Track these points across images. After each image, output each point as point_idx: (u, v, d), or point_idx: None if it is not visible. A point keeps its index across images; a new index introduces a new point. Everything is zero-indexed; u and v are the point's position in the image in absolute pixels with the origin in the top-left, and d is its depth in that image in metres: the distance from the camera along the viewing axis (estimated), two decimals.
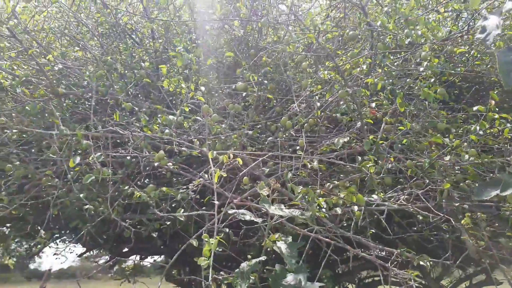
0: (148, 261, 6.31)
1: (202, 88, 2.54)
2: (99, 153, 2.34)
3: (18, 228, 5.05)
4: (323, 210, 2.29)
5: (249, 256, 2.78)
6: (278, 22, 2.78)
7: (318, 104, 3.00)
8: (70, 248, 5.60)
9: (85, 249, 5.80)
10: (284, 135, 3.13)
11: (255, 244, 3.41)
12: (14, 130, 3.10)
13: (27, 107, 2.84)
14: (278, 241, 2.26)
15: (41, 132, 2.73)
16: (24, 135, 3.36)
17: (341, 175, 3.42)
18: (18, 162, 3.18)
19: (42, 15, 3.20)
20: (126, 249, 5.12)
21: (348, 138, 2.85)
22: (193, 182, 2.88)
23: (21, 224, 4.83)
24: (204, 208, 3.33)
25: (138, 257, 5.68)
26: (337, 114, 2.99)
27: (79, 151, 3.19)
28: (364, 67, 2.87)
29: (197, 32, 3.99)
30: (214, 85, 3.49)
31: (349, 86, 2.79)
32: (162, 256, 6.38)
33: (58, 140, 2.68)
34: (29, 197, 3.13)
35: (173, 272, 6.75)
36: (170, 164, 2.82)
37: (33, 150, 3.20)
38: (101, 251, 6.20)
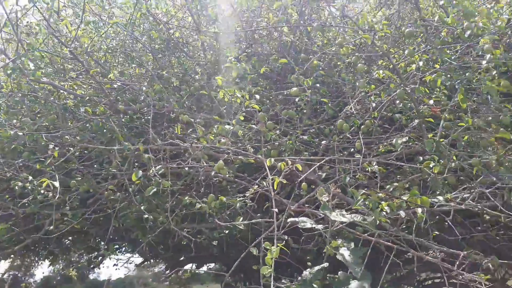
0: (203, 269, 6.40)
1: (257, 96, 2.55)
2: (159, 165, 2.40)
3: (80, 241, 5.29)
4: (384, 214, 2.22)
5: (308, 264, 2.74)
6: (331, 25, 2.74)
7: (374, 104, 2.93)
8: (129, 259, 5.80)
9: (142, 259, 5.99)
10: (338, 138, 3.07)
11: (312, 250, 3.36)
12: (77, 147, 3.26)
13: (89, 125, 2.98)
14: (340, 247, 2.21)
15: (103, 148, 2.85)
16: (85, 152, 3.52)
17: (398, 176, 3.30)
18: (79, 178, 3.32)
19: (100, 35, 3.35)
20: (182, 258, 5.23)
21: (407, 137, 2.75)
22: (249, 190, 2.89)
23: (82, 237, 5.05)
24: (259, 215, 3.33)
25: (194, 265, 5.78)
26: (395, 114, 2.90)
27: (137, 165, 3.29)
28: (421, 63, 2.77)
29: (247, 41, 4.03)
30: (265, 92, 3.50)
31: (406, 85, 2.70)
32: (213, 264, 6.45)
33: (119, 155, 2.78)
34: (92, 211, 3.26)
35: (228, 279, 6.81)
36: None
37: (95, 166, 3.33)
38: (158, 260, 6.37)
